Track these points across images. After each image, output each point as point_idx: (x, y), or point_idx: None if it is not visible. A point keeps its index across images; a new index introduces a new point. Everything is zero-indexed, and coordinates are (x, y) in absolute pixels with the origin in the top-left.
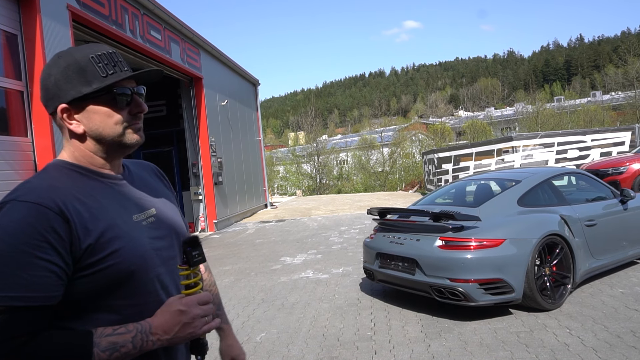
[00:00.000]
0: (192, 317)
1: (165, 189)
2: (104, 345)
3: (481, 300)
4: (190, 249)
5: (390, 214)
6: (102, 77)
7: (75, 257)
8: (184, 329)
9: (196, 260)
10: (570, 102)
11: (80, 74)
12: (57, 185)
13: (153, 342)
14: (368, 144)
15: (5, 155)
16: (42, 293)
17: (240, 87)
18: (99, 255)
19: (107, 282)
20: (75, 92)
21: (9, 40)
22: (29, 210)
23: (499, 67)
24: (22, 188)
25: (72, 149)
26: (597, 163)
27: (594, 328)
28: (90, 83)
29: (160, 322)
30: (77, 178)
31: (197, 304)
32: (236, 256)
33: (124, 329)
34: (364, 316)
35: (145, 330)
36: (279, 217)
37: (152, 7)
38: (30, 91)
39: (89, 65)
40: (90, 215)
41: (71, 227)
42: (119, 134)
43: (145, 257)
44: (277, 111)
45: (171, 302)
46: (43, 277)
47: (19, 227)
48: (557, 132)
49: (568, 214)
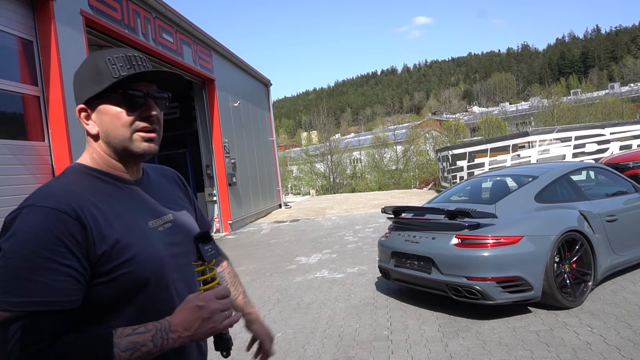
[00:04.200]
0: (211, 311)
1: (184, 195)
2: (124, 345)
3: (499, 299)
4: (202, 244)
5: (404, 212)
6: (113, 77)
7: (92, 263)
8: (204, 324)
9: (209, 255)
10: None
11: (96, 75)
12: (74, 190)
13: (174, 340)
14: (381, 142)
15: (23, 160)
16: (62, 297)
17: (252, 88)
18: (114, 262)
19: (123, 289)
20: (90, 92)
21: (24, 46)
22: (47, 216)
23: (513, 61)
24: (40, 193)
25: (91, 151)
26: (616, 156)
27: (617, 326)
28: (102, 83)
29: (180, 320)
30: (94, 183)
31: (215, 298)
32: (251, 256)
33: (144, 328)
34: (380, 316)
35: (164, 329)
36: (293, 216)
37: (164, 10)
38: (47, 96)
39: (104, 66)
40: (105, 222)
41: (87, 233)
42: (127, 138)
43: (160, 264)
44: (289, 111)
45: (189, 299)
46: (63, 281)
47: (38, 232)
48: (575, 126)
49: (587, 210)
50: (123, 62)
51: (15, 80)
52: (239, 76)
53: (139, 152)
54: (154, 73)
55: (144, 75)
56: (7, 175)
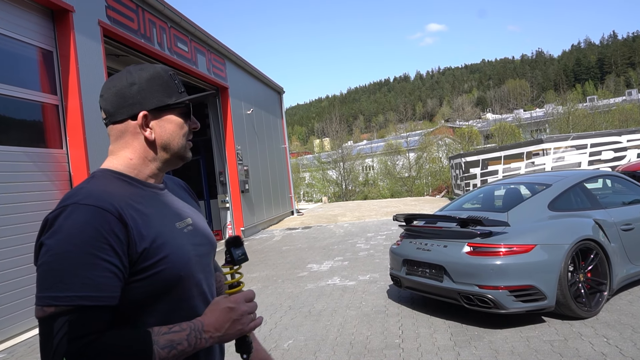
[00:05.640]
0: (241, 313)
1: (195, 203)
2: (163, 343)
3: (512, 308)
4: (234, 248)
5: (416, 220)
6: (179, 92)
7: (132, 261)
8: (234, 325)
9: (239, 259)
10: (604, 101)
11: (164, 86)
12: (110, 191)
13: (206, 340)
14: (394, 149)
15: (42, 167)
16: (107, 293)
17: (265, 96)
18: (152, 260)
19: (158, 286)
20: (158, 101)
21: (45, 56)
22: (93, 213)
23: (527, 67)
24: (80, 192)
25: (130, 156)
26: (633, 164)
27: (634, 337)
28: (171, 95)
29: (211, 320)
30: (124, 186)
31: (244, 300)
32: (263, 263)
33: (179, 327)
34: (392, 324)
35: (198, 328)
36: (305, 224)
37: (179, 20)
38: (65, 105)
39: (170, 80)
40: (142, 221)
41: (129, 231)
42: (183, 146)
43: (190, 263)
44: (302, 118)
45: (218, 301)
46: (107, 277)
47: (84, 229)
48: (590, 133)
49: (602, 218)
50: (178, 79)
51: (36, 90)
52: (252, 84)
53: (188, 159)
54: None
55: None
56: (26, 182)
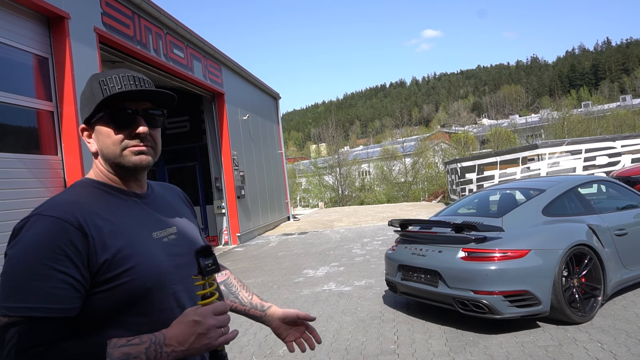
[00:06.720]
0: (207, 327)
1: (189, 211)
2: (117, 356)
3: (506, 313)
4: (203, 258)
5: (411, 225)
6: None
7: (92, 272)
8: (199, 339)
9: (209, 270)
10: (598, 107)
11: (91, 96)
12: (80, 201)
13: (167, 354)
14: (390, 155)
15: (37, 173)
16: (60, 305)
17: (262, 101)
18: (115, 271)
19: (123, 298)
20: (86, 112)
21: (40, 63)
22: (51, 225)
23: (522, 73)
24: (47, 203)
25: (95, 167)
26: (628, 170)
27: (628, 342)
28: (93, 105)
29: (175, 333)
30: (100, 195)
31: (213, 314)
32: (259, 269)
33: (138, 340)
34: (387, 329)
35: (159, 342)
36: (302, 229)
37: (175, 27)
38: (60, 111)
39: (97, 87)
40: (109, 231)
41: (89, 242)
42: (117, 154)
43: (161, 274)
44: (298, 124)
45: (187, 313)
46: (61, 289)
47: (40, 240)
48: (585, 139)
49: (596, 223)
50: (114, 82)
51: (31, 96)
52: (248, 90)
53: (130, 166)
54: (136, 92)
55: (129, 94)
56: (21, 189)
